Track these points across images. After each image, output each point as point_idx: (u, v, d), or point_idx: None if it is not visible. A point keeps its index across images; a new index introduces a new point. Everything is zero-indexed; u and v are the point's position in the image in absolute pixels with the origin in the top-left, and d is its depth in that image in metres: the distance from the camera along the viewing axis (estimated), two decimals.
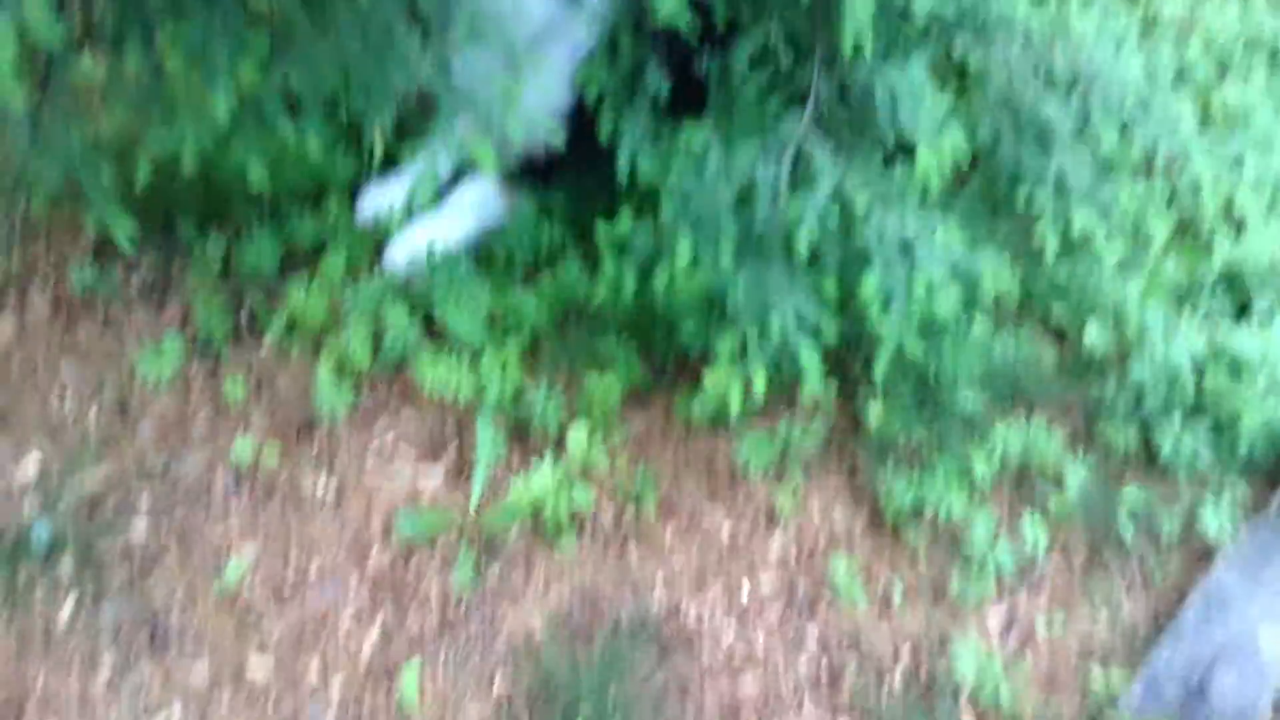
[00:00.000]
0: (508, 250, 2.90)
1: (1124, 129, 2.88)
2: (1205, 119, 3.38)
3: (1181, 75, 3.43)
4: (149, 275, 2.80)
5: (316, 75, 2.12)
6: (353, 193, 2.94)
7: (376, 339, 2.69)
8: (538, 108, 2.35)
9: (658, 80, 2.53)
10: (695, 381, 2.62)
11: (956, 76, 2.80)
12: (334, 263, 2.80)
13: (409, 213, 2.91)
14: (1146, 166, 3.14)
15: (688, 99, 2.57)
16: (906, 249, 2.35)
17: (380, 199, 2.93)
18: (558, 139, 2.39)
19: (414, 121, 2.71)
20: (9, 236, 2.81)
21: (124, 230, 2.27)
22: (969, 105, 2.65)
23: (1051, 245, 2.58)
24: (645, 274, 2.56)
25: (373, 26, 2.08)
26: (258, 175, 2.33)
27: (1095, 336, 2.78)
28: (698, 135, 2.47)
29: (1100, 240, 2.81)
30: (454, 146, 2.24)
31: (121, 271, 2.79)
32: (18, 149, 2.36)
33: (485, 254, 2.90)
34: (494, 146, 2.16)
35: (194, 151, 2.17)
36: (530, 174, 2.79)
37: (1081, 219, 2.56)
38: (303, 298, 2.72)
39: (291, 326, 2.73)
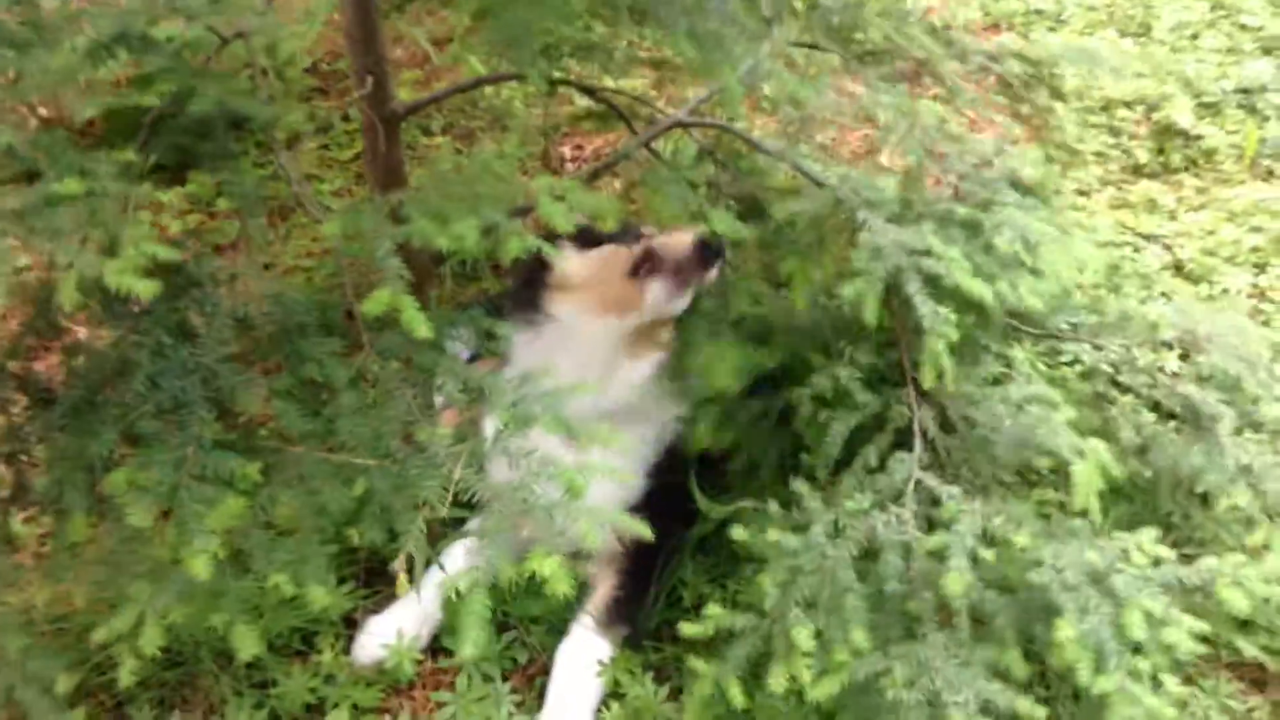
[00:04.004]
0: None
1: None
2: None
3: None
4: None
5: (319, 501, 1.62)
6: (349, 630, 2.35)
7: None
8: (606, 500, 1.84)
9: None
10: None
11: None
12: None
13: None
14: None
15: None
16: (1100, 581, 1.82)
17: (383, 633, 2.32)
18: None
19: None
20: None
21: None
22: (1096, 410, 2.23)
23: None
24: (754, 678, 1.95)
25: (390, 425, 1.62)
26: (247, 643, 1.72)
27: None
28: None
29: None
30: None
31: None
32: None
33: None
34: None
35: (158, 629, 1.59)
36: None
37: None
38: None
39: None
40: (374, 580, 2.44)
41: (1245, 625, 2.27)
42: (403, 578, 1.58)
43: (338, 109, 4.17)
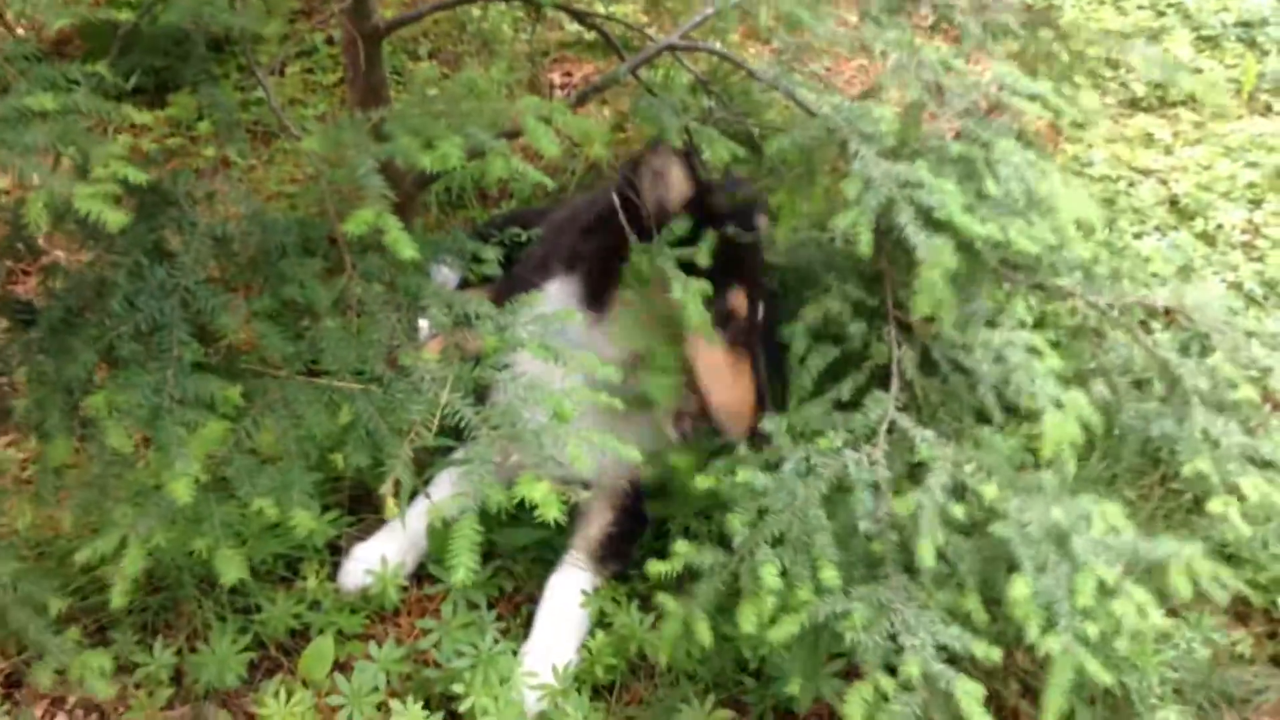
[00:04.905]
0: None
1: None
2: None
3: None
4: (74, 710, 2.12)
5: (303, 425, 1.60)
6: (334, 557, 2.34)
7: None
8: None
9: None
10: None
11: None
12: (318, 653, 2.17)
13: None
14: None
15: None
16: (1061, 541, 1.82)
17: (368, 559, 2.32)
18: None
19: None
20: None
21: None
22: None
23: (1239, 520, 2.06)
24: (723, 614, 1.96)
25: (375, 349, 1.59)
26: (230, 568, 1.70)
27: None
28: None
29: None
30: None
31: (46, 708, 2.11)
32: None
33: None
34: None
35: (140, 551, 1.58)
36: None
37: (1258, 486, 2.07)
38: (279, 713, 2.05)
39: None
40: (358, 508, 2.43)
41: (1230, 559, 2.28)
42: (391, 501, 1.56)
43: (322, 32, 4.08)
